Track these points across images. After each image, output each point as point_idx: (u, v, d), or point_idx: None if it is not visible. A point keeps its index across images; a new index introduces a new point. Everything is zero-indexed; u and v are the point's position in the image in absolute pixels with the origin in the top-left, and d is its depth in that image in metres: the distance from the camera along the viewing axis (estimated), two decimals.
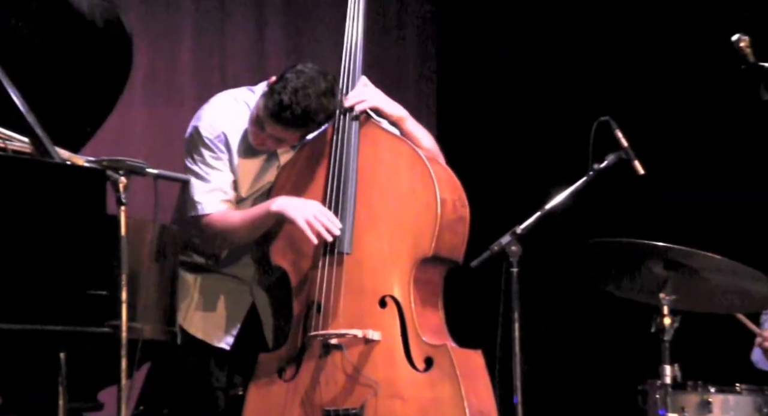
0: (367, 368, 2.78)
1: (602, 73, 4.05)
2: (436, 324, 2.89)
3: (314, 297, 2.85)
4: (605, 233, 2.86)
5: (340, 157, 2.89)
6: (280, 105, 2.80)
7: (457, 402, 2.70)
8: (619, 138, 2.82)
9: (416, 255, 2.82)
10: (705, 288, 2.79)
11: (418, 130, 2.96)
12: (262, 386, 2.87)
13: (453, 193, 2.90)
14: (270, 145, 2.93)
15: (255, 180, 2.96)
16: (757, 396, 2.97)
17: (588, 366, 3.95)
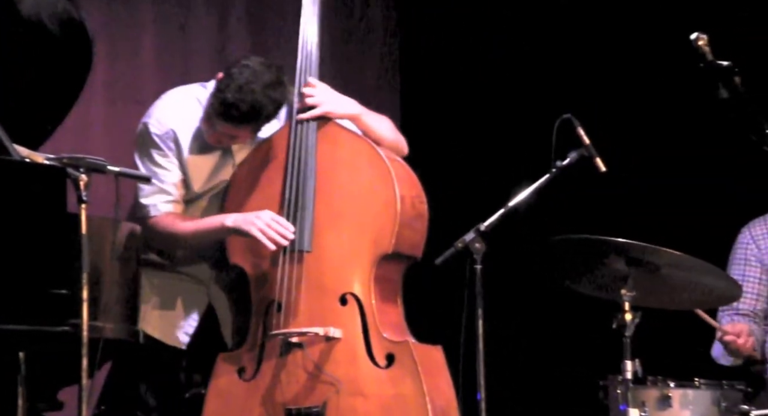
0: (328, 366, 2.78)
1: (564, 71, 4.07)
2: (397, 320, 2.90)
3: (274, 296, 2.84)
4: (567, 230, 2.88)
5: (299, 155, 2.88)
6: (225, 103, 2.79)
7: (419, 399, 2.72)
8: (581, 135, 2.84)
9: (376, 252, 2.82)
10: (666, 285, 2.82)
11: (376, 123, 2.95)
12: (222, 386, 2.86)
13: (412, 189, 2.91)
14: (225, 142, 2.92)
15: (210, 176, 2.95)
16: (715, 390, 3.02)
17: (550, 362, 3.98)
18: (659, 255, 2.75)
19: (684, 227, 3.79)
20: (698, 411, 3.01)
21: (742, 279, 3.34)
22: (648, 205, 3.95)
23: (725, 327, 3.16)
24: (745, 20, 3.82)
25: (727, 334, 3.14)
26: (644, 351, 2.76)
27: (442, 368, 2.84)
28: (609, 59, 4.05)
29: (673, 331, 3.43)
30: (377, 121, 2.96)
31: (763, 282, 3.34)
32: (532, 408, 4.02)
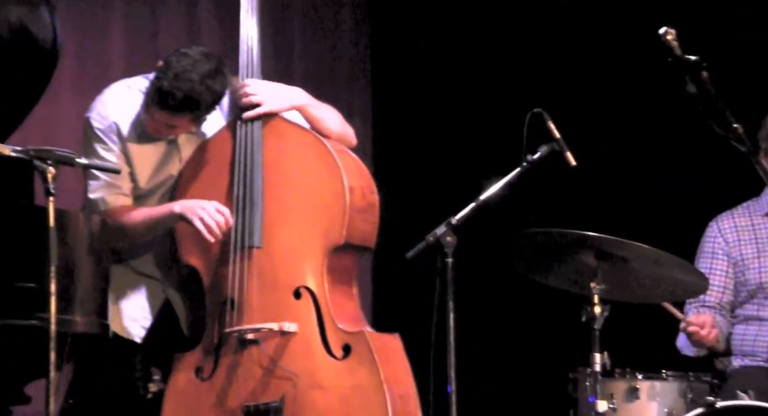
0: (285, 360, 2.77)
1: (535, 65, 4.09)
2: (353, 311, 2.90)
3: (227, 293, 2.83)
4: (538, 223, 2.89)
5: (245, 151, 2.87)
6: (162, 91, 2.76)
7: (377, 388, 2.72)
8: (551, 129, 2.85)
9: (328, 244, 2.82)
10: (634, 278, 2.84)
11: (323, 114, 2.93)
12: (180, 386, 2.85)
13: (361, 180, 2.90)
14: (165, 132, 2.89)
15: (156, 171, 2.92)
16: (682, 382, 3.05)
17: (520, 354, 4.00)
18: (628, 249, 2.77)
19: (653, 221, 3.82)
20: (665, 403, 3.04)
21: (710, 272, 3.37)
22: (617, 199, 3.98)
23: (689, 318, 3.19)
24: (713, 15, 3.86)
25: (690, 325, 3.17)
26: (613, 344, 2.78)
27: (400, 356, 2.84)
28: (579, 54, 4.07)
29: (641, 324, 3.46)
30: (324, 112, 2.94)
31: (730, 275, 3.38)
32: (502, 400, 4.05)
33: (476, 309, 3.81)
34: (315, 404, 2.75)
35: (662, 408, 3.03)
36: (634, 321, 3.36)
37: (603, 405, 2.72)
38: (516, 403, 4.01)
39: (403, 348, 2.85)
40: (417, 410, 2.80)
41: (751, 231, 3.39)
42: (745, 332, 3.34)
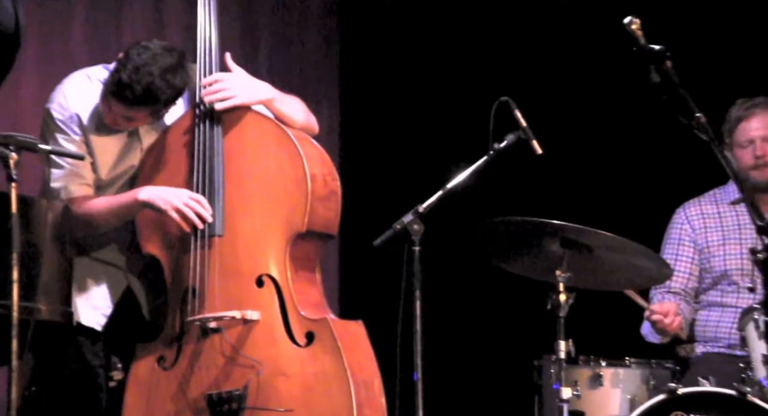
0: (248, 348, 2.76)
1: (502, 53, 4.09)
2: (316, 298, 2.89)
3: (189, 282, 2.82)
4: (504, 212, 2.90)
5: (205, 139, 2.85)
6: (119, 83, 2.74)
7: (340, 374, 2.72)
8: (518, 118, 2.86)
9: (290, 231, 2.81)
10: (599, 266, 2.86)
11: (287, 107, 2.92)
12: (142, 376, 2.84)
13: (323, 167, 2.89)
14: (122, 125, 2.86)
15: (117, 162, 2.90)
16: (645, 369, 3.08)
17: (486, 342, 4.02)
18: (593, 237, 2.79)
19: (619, 209, 3.85)
20: (628, 390, 3.07)
21: (676, 258, 3.41)
22: (583, 187, 4.00)
23: (653, 307, 3.22)
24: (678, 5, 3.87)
25: (654, 313, 3.20)
26: (577, 331, 2.80)
27: (364, 343, 2.83)
28: (546, 43, 4.08)
29: (605, 311, 3.49)
30: (290, 104, 2.93)
31: (695, 262, 3.41)
32: (467, 387, 4.07)
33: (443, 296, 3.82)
34: (278, 391, 2.74)
35: (625, 395, 3.06)
36: (598, 309, 3.39)
37: (567, 392, 2.75)
38: (481, 390, 4.03)
39: (367, 335, 2.84)
40: (381, 396, 2.80)
41: (717, 219, 3.42)
42: (707, 318, 3.38)
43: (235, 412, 2.71)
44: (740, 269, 3.34)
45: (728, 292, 3.35)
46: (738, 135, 3.34)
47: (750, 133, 3.32)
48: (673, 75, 2.26)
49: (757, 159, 3.29)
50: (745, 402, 2.86)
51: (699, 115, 2.25)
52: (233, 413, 2.71)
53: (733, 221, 3.40)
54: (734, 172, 2.29)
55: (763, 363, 2.87)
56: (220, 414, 2.73)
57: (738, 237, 3.37)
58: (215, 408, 2.74)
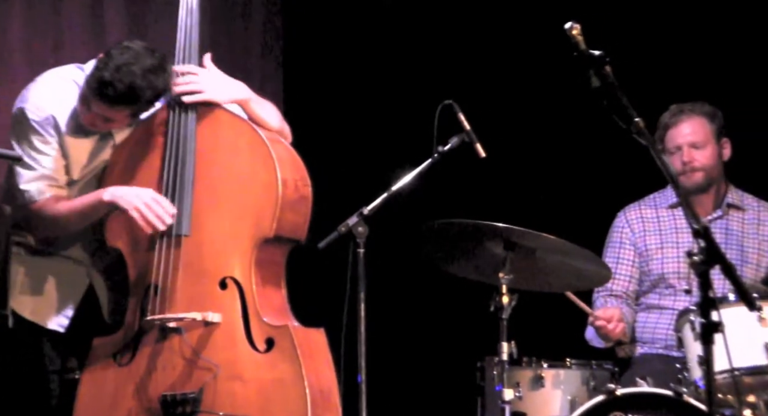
0: (206, 351, 2.75)
1: (446, 56, 4.11)
2: (279, 304, 2.88)
3: (152, 280, 2.79)
4: (448, 214, 2.92)
5: (178, 137, 2.83)
6: (102, 81, 2.72)
7: (297, 382, 2.71)
8: (461, 121, 2.88)
9: (257, 235, 2.80)
10: (541, 268, 2.90)
11: (263, 110, 2.92)
12: (97, 371, 2.80)
13: (295, 172, 2.89)
14: (100, 125, 2.84)
15: (88, 161, 2.87)
16: (585, 370, 3.12)
17: (429, 344, 4.04)
18: (535, 240, 2.82)
19: (562, 212, 3.89)
20: (569, 391, 3.11)
21: (617, 261, 3.46)
22: (526, 190, 4.04)
23: (597, 313, 3.27)
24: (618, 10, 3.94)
25: (598, 319, 3.25)
26: (519, 333, 2.83)
27: (323, 351, 2.83)
28: (490, 47, 4.11)
29: (546, 313, 3.52)
30: (264, 108, 2.93)
31: (636, 265, 3.47)
32: (411, 389, 4.08)
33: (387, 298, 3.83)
34: (234, 396, 2.72)
35: (566, 396, 3.10)
36: (540, 311, 3.42)
37: (509, 394, 2.77)
38: (425, 392, 4.05)
39: (327, 343, 2.84)
40: (337, 404, 2.80)
41: (656, 223, 3.48)
42: (646, 320, 3.43)
43: (190, 415, 2.69)
44: (677, 272, 3.41)
45: (666, 295, 3.41)
46: (667, 141, 3.40)
47: (677, 140, 3.38)
48: (613, 80, 2.29)
49: (684, 165, 3.36)
50: (681, 403, 2.92)
51: (638, 120, 2.29)
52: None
53: (671, 225, 3.47)
54: (671, 175, 2.33)
55: (698, 363, 2.93)
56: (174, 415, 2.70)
57: (675, 240, 3.44)
58: (169, 410, 2.72)
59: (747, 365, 2.87)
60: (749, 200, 3.48)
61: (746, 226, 3.43)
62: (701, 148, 3.38)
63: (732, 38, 3.95)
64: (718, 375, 2.76)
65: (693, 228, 2.18)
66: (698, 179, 3.37)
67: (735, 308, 2.83)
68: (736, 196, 3.46)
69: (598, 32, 2.42)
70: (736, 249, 3.39)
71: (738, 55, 3.95)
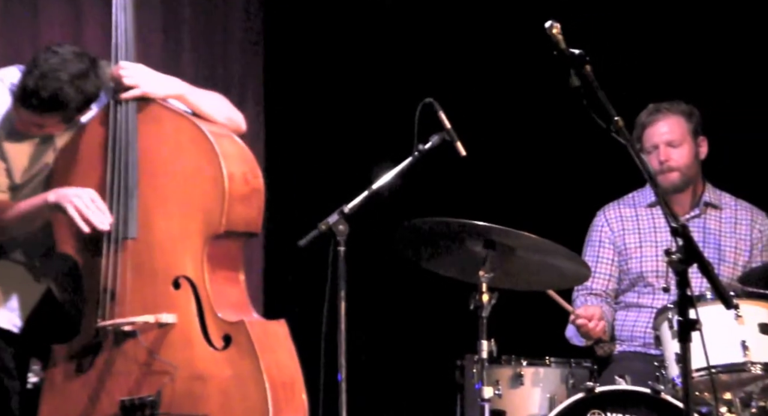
0: (164, 352, 2.72)
1: (427, 55, 4.12)
2: (236, 299, 2.85)
3: (104, 285, 2.76)
4: (428, 213, 2.92)
5: (119, 138, 2.79)
6: (25, 90, 2.67)
7: (256, 377, 2.68)
8: (442, 119, 2.88)
9: (208, 232, 2.76)
10: (521, 267, 2.90)
11: (205, 101, 2.86)
12: (58, 378, 2.78)
13: (243, 165, 2.83)
14: (34, 131, 2.80)
15: (30, 164, 2.83)
16: (564, 368, 3.14)
17: (410, 342, 4.05)
18: (516, 238, 2.82)
19: (542, 211, 3.91)
20: (548, 389, 3.12)
21: (596, 260, 3.48)
22: (506, 189, 4.05)
23: (578, 311, 3.28)
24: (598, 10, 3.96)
25: (579, 318, 3.26)
26: (499, 331, 2.83)
27: (284, 342, 2.80)
28: (471, 46, 4.12)
29: (527, 311, 3.54)
30: (206, 99, 2.87)
31: (615, 264, 3.48)
32: (391, 387, 4.08)
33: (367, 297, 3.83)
34: (193, 395, 2.70)
35: (545, 394, 3.11)
36: (520, 309, 3.44)
37: (489, 392, 2.77)
38: (405, 390, 4.05)
39: (290, 334, 2.82)
40: (302, 396, 2.78)
41: (635, 222, 3.50)
42: (625, 318, 3.45)
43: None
44: (656, 271, 3.43)
45: (644, 294, 3.43)
46: (644, 140, 3.42)
47: (654, 139, 3.40)
48: (593, 79, 2.30)
49: (661, 164, 3.38)
50: (659, 400, 2.93)
51: (617, 119, 2.30)
52: None
53: (650, 223, 3.49)
54: (650, 174, 2.35)
55: (676, 361, 2.95)
56: None
57: (654, 239, 3.46)
58: (128, 415, 2.69)
59: (724, 363, 2.90)
60: (727, 199, 3.50)
61: (723, 225, 3.45)
62: (678, 147, 3.40)
63: (711, 37, 3.98)
64: (695, 372, 2.78)
65: (671, 227, 2.19)
66: (674, 179, 3.39)
67: (712, 306, 2.86)
68: (713, 195, 3.49)
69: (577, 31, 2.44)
70: (713, 247, 3.42)
71: (717, 53, 3.98)
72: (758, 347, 2.92)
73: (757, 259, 3.43)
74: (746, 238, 3.44)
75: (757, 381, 2.96)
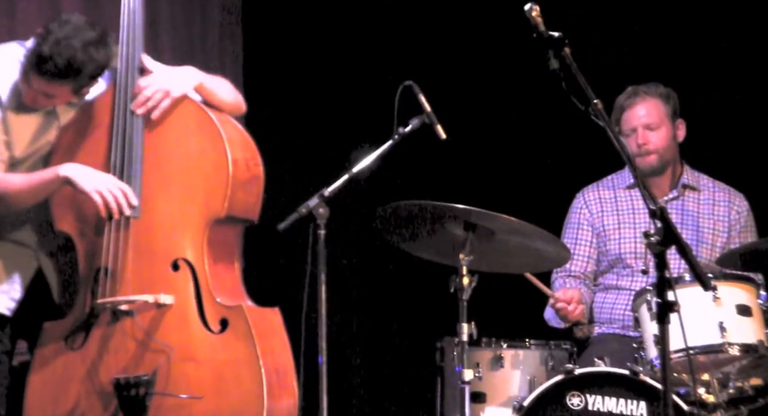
0: (159, 333, 2.73)
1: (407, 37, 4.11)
2: (232, 284, 2.87)
3: (102, 263, 2.77)
4: (408, 195, 2.92)
5: (125, 118, 2.80)
6: (40, 56, 2.67)
7: (252, 362, 2.70)
8: (422, 102, 2.87)
9: (209, 216, 2.78)
10: (501, 249, 2.91)
11: (216, 87, 2.89)
12: (48, 355, 2.77)
13: (245, 152, 2.87)
14: (42, 102, 2.79)
15: (33, 140, 2.83)
16: (544, 350, 3.16)
17: (389, 325, 4.06)
18: (495, 221, 2.83)
19: (521, 193, 3.92)
20: (528, 371, 3.14)
21: (575, 242, 3.49)
22: (486, 172, 4.06)
23: (557, 294, 3.30)
24: None
25: (558, 301, 3.28)
26: (479, 313, 2.84)
27: (278, 330, 2.82)
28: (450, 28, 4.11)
29: (506, 294, 3.55)
30: (217, 85, 2.90)
31: (594, 246, 3.50)
32: (371, 370, 4.10)
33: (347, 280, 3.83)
34: (187, 377, 2.71)
35: (525, 376, 3.13)
36: (500, 291, 3.45)
37: (469, 374, 2.78)
38: (385, 373, 4.07)
39: (282, 322, 2.83)
40: (293, 383, 2.80)
41: (614, 203, 3.51)
42: (604, 300, 3.47)
43: (143, 398, 2.67)
44: (634, 253, 3.44)
45: (623, 275, 3.45)
46: (623, 124, 3.43)
47: (632, 122, 3.41)
48: (571, 61, 2.30)
49: (639, 147, 3.40)
50: (638, 382, 2.96)
51: (596, 101, 2.30)
52: (141, 398, 2.67)
53: (628, 205, 3.50)
54: (628, 157, 2.35)
55: (654, 343, 2.97)
56: (127, 398, 2.68)
57: (632, 221, 3.47)
58: (122, 393, 2.69)
59: (701, 344, 2.92)
60: (705, 181, 3.52)
61: (702, 207, 3.47)
62: (656, 130, 3.41)
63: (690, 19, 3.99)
64: (674, 354, 2.80)
65: (650, 209, 2.20)
66: (653, 161, 3.41)
67: (690, 288, 2.87)
68: (691, 177, 3.51)
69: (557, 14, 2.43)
70: (691, 229, 3.44)
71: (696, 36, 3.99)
72: (735, 328, 2.95)
73: (735, 241, 3.45)
74: (724, 220, 3.46)
75: (735, 362, 2.99)
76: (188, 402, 2.68)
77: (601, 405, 2.94)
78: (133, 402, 2.67)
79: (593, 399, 2.95)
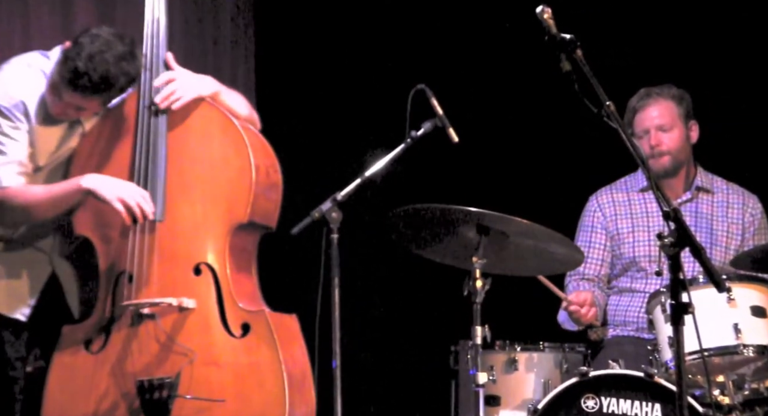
0: (181, 336, 2.75)
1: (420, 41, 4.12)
2: (252, 290, 2.90)
3: (124, 267, 2.79)
4: (422, 199, 2.92)
5: (149, 123, 2.83)
6: (76, 72, 2.71)
7: (275, 367, 2.73)
8: (434, 106, 2.88)
9: (232, 221, 2.81)
10: (514, 252, 2.91)
11: (232, 101, 2.93)
12: (67, 359, 2.79)
13: (266, 159, 2.90)
14: (72, 115, 2.84)
15: (56, 149, 2.86)
16: (558, 353, 3.16)
17: (404, 328, 4.06)
18: (509, 224, 2.83)
19: (534, 196, 3.92)
20: (542, 374, 3.14)
21: (589, 245, 3.49)
22: (499, 174, 4.06)
23: (570, 297, 3.30)
24: None
25: (571, 304, 3.28)
26: (493, 316, 2.85)
27: (297, 337, 2.85)
28: (463, 32, 4.12)
29: (520, 297, 3.55)
30: (233, 98, 2.94)
31: (607, 249, 3.50)
32: (385, 374, 4.10)
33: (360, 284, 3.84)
34: (209, 380, 2.73)
35: (539, 379, 3.13)
36: (513, 294, 3.45)
37: (483, 377, 2.78)
38: (399, 376, 4.07)
39: (300, 329, 2.85)
40: (312, 390, 2.83)
41: (627, 206, 3.51)
42: (618, 303, 3.47)
43: (166, 400, 2.69)
44: (648, 256, 3.44)
45: (637, 278, 3.45)
46: (635, 125, 3.43)
47: (645, 123, 3.41)
48: (584, 64, 2.30)
49: (652, 149, 3.39)
50: (653, 384, 2.95)
51: (608, 103, 2.31)
52: (164, 401, 2.69)
53: (642, 208, 3.50)
54: (641, 159, 2.35)
55: (669, 345, 2.97)
56: (150, 401, 2.70)
57: (646, 224, 3.47)
58: (145, 395, 2.71)
59: (716, 345, 2.92)
60: (718, 183, 3.51)
61: (715, 209, 3.46)
62: (668, 131, 3.41)
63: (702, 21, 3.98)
64: (688, 356, 2.80)
65: (663, 211, 2.20)
66: (665, 163, 3.40)
67: (704, 290, 2.87)
68: (705, 179, 3.50)
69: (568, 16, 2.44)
70: (705, 231, 3.43)
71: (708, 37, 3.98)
72: (750, 330, 2.94)
73: (749, 243, 3.44)
74: (738, 222, 3.45)
75: (750, 364, 2.98)
76: (210, 406, 2.69)
77: (616, 408, 2.94)
78: (156, 405, 2.69)
79: (608, 401, 2.95)
